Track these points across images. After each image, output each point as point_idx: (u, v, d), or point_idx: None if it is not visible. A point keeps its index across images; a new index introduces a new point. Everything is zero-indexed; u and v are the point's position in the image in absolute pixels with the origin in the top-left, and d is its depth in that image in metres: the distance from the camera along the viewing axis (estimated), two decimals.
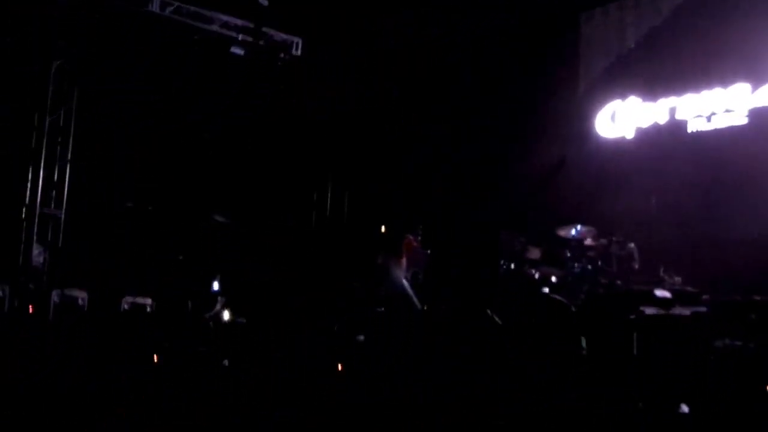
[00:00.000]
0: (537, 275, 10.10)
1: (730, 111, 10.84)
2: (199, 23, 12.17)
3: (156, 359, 8.55)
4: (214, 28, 12.31)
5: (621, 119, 12.04)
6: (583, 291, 9.49)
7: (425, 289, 10.19)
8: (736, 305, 7.19)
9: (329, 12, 12.27)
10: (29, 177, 11.07)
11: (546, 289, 9.68)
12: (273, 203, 13.00)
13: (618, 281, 9.64)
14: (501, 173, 12.47)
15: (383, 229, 10.67)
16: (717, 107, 10.96)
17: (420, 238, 10.63)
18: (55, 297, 9.86)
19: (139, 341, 9.01)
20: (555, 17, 12.47)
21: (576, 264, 10.00)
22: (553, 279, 10.00)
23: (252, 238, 12.35)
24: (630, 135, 11.93)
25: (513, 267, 10.25)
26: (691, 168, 10.52)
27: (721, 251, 9.75)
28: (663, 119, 11.58)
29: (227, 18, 12.31)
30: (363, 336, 8.92)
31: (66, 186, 11.45)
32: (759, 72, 10.56)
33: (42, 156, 11.17)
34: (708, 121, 11.07)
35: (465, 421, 5.96)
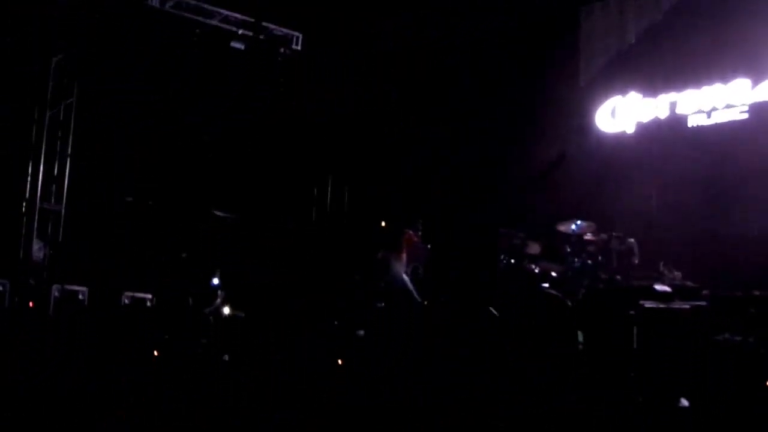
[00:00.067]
0: (537, 270, 10.10)
1: (730, 106, 10.85)
2: (199, 18, 12.17)
3: (156, 354, 8.58)
4: (214, 22, 12.30)
5: (621, 114, 12.04)
6: (583, 286, 9.48)
7: (425, 284, 10.20)
8: (736, 300, 7.21)
9: (329, 8, 12.29)
10: (29, 172, 11.05)
11: (546, 284, 9.68)
12: (273, 199, 12.99)
13: (618, 276, 9.64)
14: (500, 174, 12.48)
15: (383, 224, 10.68)
16: (717, 102, 10.96)
17: (420, 233, 10.63)
18: (56, 292, 9.87)
19: (140, 336, 9.03)
20: (555, 13, 12.46)
21: (576, 259, 10.00)
22: (553, 274, 10.00)
23: (252, 233, 12.36)
24: (630, 130, 11.93)
25: (513, 262, 10.25)
26: (692, 163, 10.52)
27: (722, 246, 9.77)
28: (663, 114, 11.58)
29: (227, 12, 12.30)
30: (363, 331, 8.94)
31: (66, 181, 11.43)
32: (759, 67, 10.57)
33: (42, 151, 11.15)
34: (708, 117, 11.07)
35: (465, 422, 5.97)
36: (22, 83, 11.09)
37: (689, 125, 11.24)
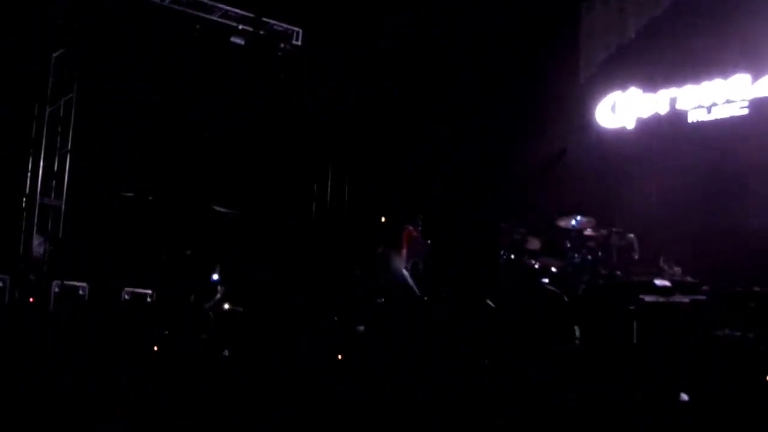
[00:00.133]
0: (537, 266, 10.10)
1: (730, 101, 10.84)
2: (199, 13, 12.15)
3: (156, 350, 8.58)
4: (214, 17, 12.29)
5: (621, 110, 12.03)
6: (583, 281, 9.49)
7: (425, 280, 10.20)
8: (736, 296, 7.21)
9: (330, 5, 12.29)
10: (29, 167, 11.04)
11: (546, 280, 9.68)
12: (273, 195, 12.99)
13: (618, 272, 9.64)
14: (501, 171, 12.48)
15: (383, 220, 10.67)
16: (717, 98, 10.95)
17: (420, 228, 10.64)
18: (56, 287, 9.87)
19: (140, 332, 9.03)
20: (555, 9, 12.45)
21: (576, 254, 10.00)
22: (553, 269, 10.00)
23: (252, 229, 12.36)
24: (630, 125, 11.93)
25: (513, 257, 10.25)
26: (692, 159, 10.52)
27: (722, 242, 9.76)
28: (663, 110, 11.58)
29: (227, 8, 12.29)
30: (363, 327, 8.95)
31: (66, 176, 11.43)
32: (759, 63, 10.56)
33: (42, 146, 11.14)
34: (708, 112, 11.07)
35: (465, 421, 5.97)
36: (22, 79, 11.08)
37: (689, 121, 11.24)
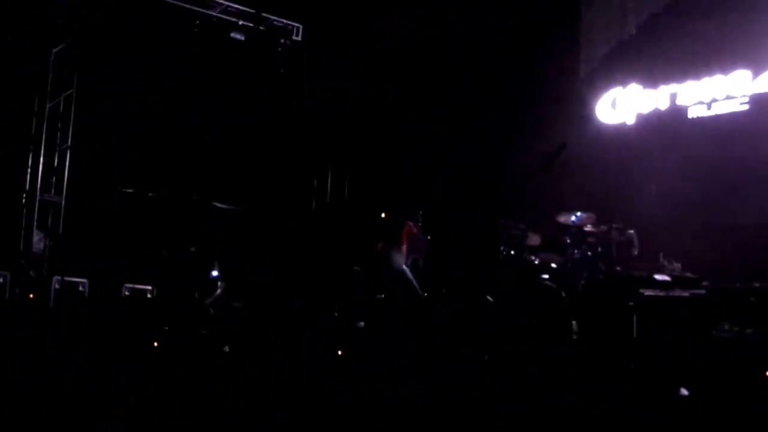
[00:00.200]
0: (537, 261, 10.10)
1: (730, 98, 10.84)
2: (200, 9, 12.15)
3: (156, 346, 8.59)
4: (214, 13, 12.28)
5: (622, 106, 12.03)
6: (583, 277, 9.49)
7: (425, 276, 10.20)
8: (735, 291, 7.22)
9: (328, 6, 12.31)
10: (29, 164, 11.04)
11: (546, 276, 9.68)
12: (273, 191, 12.99)
13: (618, 267, 9.64)
14: (500, 170, 12.47)
15: (383, 216, 10.67)
16: (718, 94, 10.95)
17: (420, 224, 10.64)
18: (56, 284, 9.87)
19: (140, 328, 9.03)
20: (555, 5, 12.44)
21: (576, 250, 10.00)
22: (553, 265, 9.99)
23: (252, 225, 12.36)
24: (631, 121, 11.93)
25: (513, 253, 10.25)
26: (692, 154, 10.52)
27: (722, 237, 9.77)
28: (664, 106, 11.58)
29: (227, 3, 12.28)
30: (363, 323, 8.96)
31: (66, 172, 11.43)
32: (759, 59, 10.55)
33: (42, 142, 11.14)
34: (708, 108, 11.07)
35: (465, 422, 5.97)
36: (21, 75, 11.07)
37: (689, 116, 11.24)
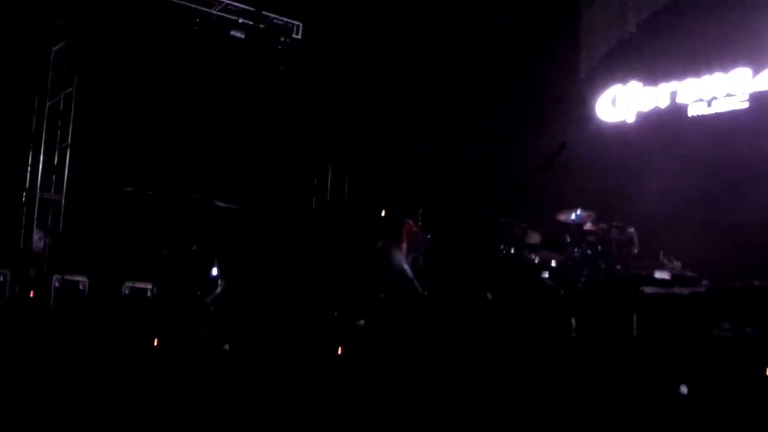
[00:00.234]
0: (537, 260, 10.10)
1: (730, 95, 10.84)
2: (199, 6, 12.13)
3: (156, 343, 8.59)
4: (214, 11, 12.26)
5: (622, 103, 12.03)
6: (583, 276, 9.49)
7: (425, 274, 10.20)
8: (735, 290, 7.21)
9: (330, 5, 12.31)
10: (29, 162, 11.03)
11: (546, 274, 9.69)
12: (273, 189, 12.98)
13: (618, 266, 9.64)
14: (501, 170, 12.47)
15: (383, 214, 10.66)
16: (718, 91, 10.95)
17: (420, 222, 10.64)
18: (56, 282, 9.87)
19: (140, 326, 9.04)
20: (555, 3, 12.44)
21: (576, 249, 10.01)
22: (553, 264, 10.00)
23: (252, 224, 12.36)
24: (631, 119, 11.93)
25: (513, 252, 10.26)
26: (692, 152, 10.52)
27: (721, 236, 9.77)
28: (664, 103, 11.57)
29: (227, 1, 12.26)
30: (363, 321, 8.95)
31: (66, 171, 11.42)
32: (760, 56, 10.55)
33: (42, 141, 11.14)
34: (708, 106, 11.07)
35: (465, 421, 5.98)
36: (22, 73, 11.06)
37: (689, 114, 11.23)
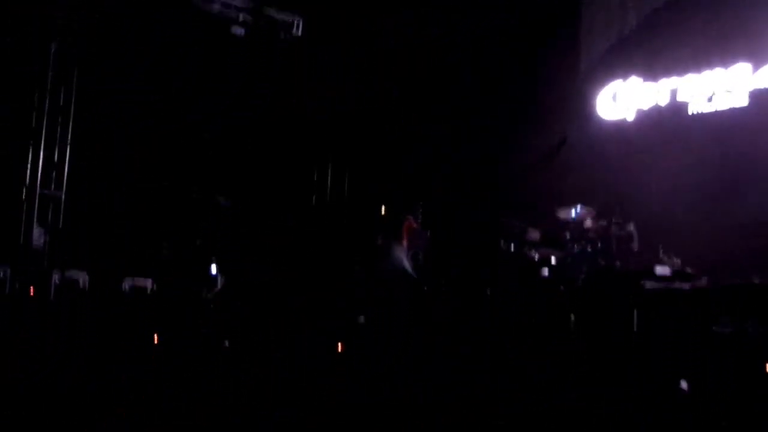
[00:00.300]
0: (536, 257, 10.11)
1: (731, 92, 10.82)
2: (200, 2, 12.11)
3: (156, 340, 8.60)
4: (214, 8, 12.24)
5: (622, 100, 12.02)
6: (583, 272, 9.50)
7: (425, 271, 10.20)
8: (735, 287, 7.22)
9: (330, 5, 12.32)
10: (29, 158, 11.04)
11: (545, 271, 9.69)
12: (273, 186, 12.98)
13: (617, 263, 9.65)
14: (501, 169, 12.47)
15: (383, 211, 10.66)
16: (718, 88, 10.94)
17: (420, 219, 10.64)
18: (56, 278, 9.87)
19: (140, 322, 9.05)
20: (557, 2, 12.44)
21: (575, 245, 10.02)
22: (553, 260, 10.01)
23: (252, 221, 12.36)
24: (631, 116, 11.92)
25: (512, 248, 10.26)
26: (692, 149, 10.53)
27: (722, 233, 9.77)
28: (664, 100, 11.57)
29: None
30: (363, 318, 8.96)
31: (66, 167, 11.41)
32: (760, 53, 10.55)
33: (42, 137, 11.14)
34: (709, 102, 11.05)
35: (465, 421, 5.99)
36: (21, 69, 11.06)
37: (690, 111, 11.23)
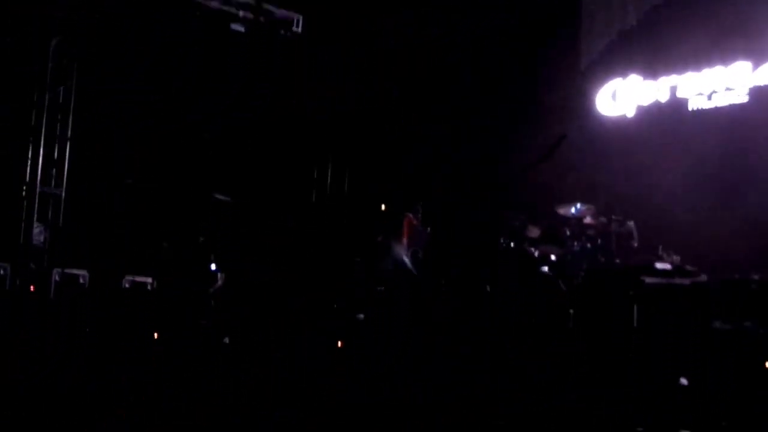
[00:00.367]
0: (536, 253, 10.11)
1: (730, 89, 10.83)
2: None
3: (156, 336, 8.62)
4: (214, 4, 12.24)
5: (622, 97, 12.02)
6: (582, 269, 9.50)
7: (425, 268, 10.21)
8: (734, 284, 7.23)
9: (330, 5, 12.33)
10: (29, 156, 11.04)
11: (545, 268, 9.70)
12: (273, 184, 12.98)
13: (617, 260, 9.66)
14: (501, 169, 12.46)
15: (383, 208, 10.68)
16: (718, 85, 10.94)
17: (420, 216, 10.65)
18: (56, 276, 9.88)
19: (141, 320, 9.06)
20: (557, 2, 12.43)
21: (575, 242, 10.02)
22: (553, 257, 10.02)
23: (252, 219, 12.36)
24: (631, 113, 11.92)
25: (512, 245, 10.26)
26: (692, 146, 10.52)
27: (721, 230, 9.77)
28: (664, 97, 11.57)
29: None
30: (363, 315, 8.98)
31: (66, 164, 11.42)
32: (760, 50, 10.54)
33: (42, 134, 11.14)
34: (708, 100, 11.05)
35: (465, 421, 6.00)
36: (21, 67, 11.05)
37: (690, 108, 11.23)
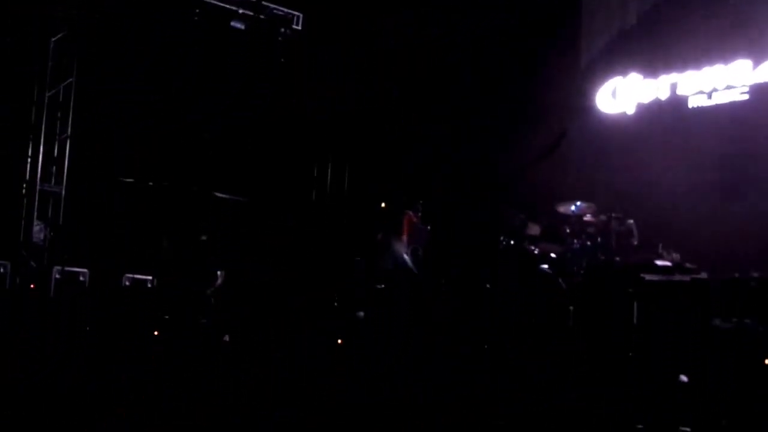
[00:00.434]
0: (536, 251, 10.11)
1: (731, 87, 10.82)
2: None
3: (156, 334, 8.63)
4: (214, 2, 12.24)
5: (622, 95, 12.01)
6: (582, 267, 9.51)
7: (425, 265, 10.21)
8: (734, 282, 7.23)
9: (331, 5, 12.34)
10: (29, 153, 11.04)
11: (545, 265, 9.70)
12: (274, 182, 12.99)
13: (617, 257, 9.66)
14: (502, 169, 12.46)
15: (383, 206, 10.68)
16: (718, 83, 10.93)
17: (420, 214, 10.65)
18: (57, 273, 9.88)
19: (141, 318, 9.07)
20: (557, 1, 12.43)
21: (575, 240, 10.02)
22: (553, 255, 10.02)
23: (252, 218, 12.37)
24: (631, 111, 11.91)
25: (512, 243, 10.26)
26: (692, 144, 10.52)
27: (721, 228, 9.77)
28: (664, 95, 11.56)
29: None
30: (363, 312, 8.98)
31: (66, 162, 11.42)
32: (760, 48, 10.53)
33: (42, 132, 11.14)
34: (709, 98, 11.05)
35: (465, 421, 6.01)
36: (21, 64, 11.05)
37: (690, 106, 11.22)
